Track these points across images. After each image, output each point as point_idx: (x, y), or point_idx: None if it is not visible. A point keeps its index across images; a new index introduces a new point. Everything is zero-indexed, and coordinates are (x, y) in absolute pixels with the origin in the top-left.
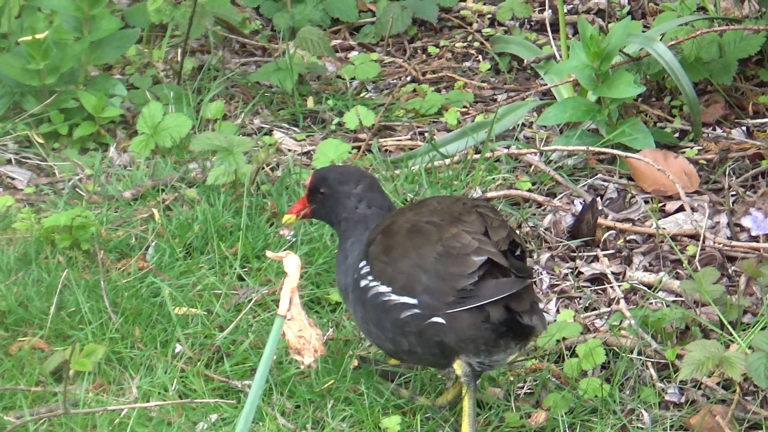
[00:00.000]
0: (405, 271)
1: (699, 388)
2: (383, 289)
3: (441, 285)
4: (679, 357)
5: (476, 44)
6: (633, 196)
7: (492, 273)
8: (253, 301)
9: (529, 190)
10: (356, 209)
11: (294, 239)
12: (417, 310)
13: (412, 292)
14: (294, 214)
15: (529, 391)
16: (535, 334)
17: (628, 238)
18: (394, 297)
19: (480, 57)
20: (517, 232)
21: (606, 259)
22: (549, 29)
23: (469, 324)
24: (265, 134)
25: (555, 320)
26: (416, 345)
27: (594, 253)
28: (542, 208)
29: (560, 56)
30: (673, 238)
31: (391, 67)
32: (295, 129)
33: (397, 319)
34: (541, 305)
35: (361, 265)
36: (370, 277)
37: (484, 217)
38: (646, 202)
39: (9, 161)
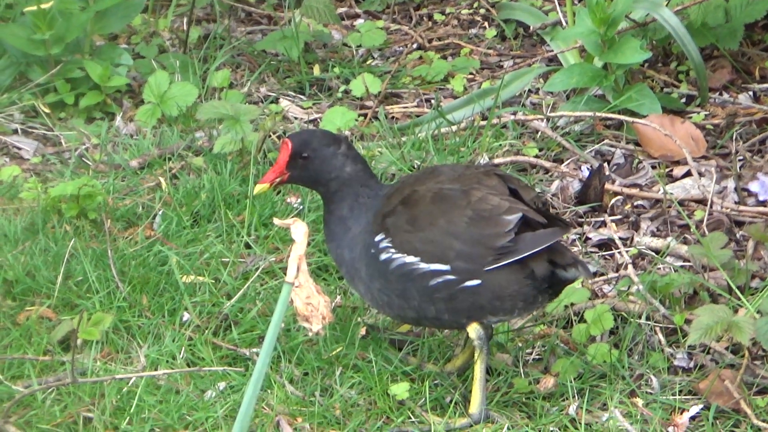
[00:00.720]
0: (434, 239)
1: (708, 353)
2: (410, 259)
3: (476, 249)
4: (688, 322)
5: (482, 11)
6: (640, 162)
7: (526, 228)
8: (260, 269)
9: (536, 156)
10: (344, 168)
11: (301, 206)
12: (449, 277)
13: (443, 260)
14: (268, 182)
15: (537, 357)
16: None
17: (635, 203)
18: (423, 266)
19: (486, 24)
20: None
21: (613, 224)
22: None
23: (509, 282)
24: (272, 102)
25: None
26: (444, 311)
27: (601, 219)
28: (549, 174)
29: (566, 22)
30: (681, 203)
31: (397, 35)
32: (302, 97)
33: (426, 287)
34: None
35: (378, 239)
36: (392, 250)
37: (505, 179)
38: (654, 168)
39: (15, 131)
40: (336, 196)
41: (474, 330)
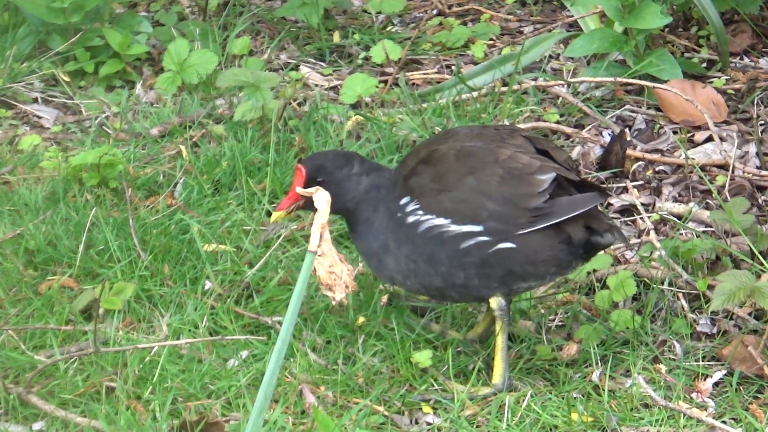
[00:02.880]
0: (464, 198)
1: (730, 319)
2: (440, 221)
3: (510, 209)
4: (710, 287)
5: None
6: (661, 127)
7: (560, 192)
8: (282, 237)
9: (557, 122)
10: (359, 186)
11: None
12: (482, 238)
13: (475, 220)
14: (284, 210)
15: (560, 323)
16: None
17: (657, 168)
18: (453, 228)
19: None
20: None
21: (635, 190)
22: None
23: (543, 246)
24: (292, 69)
25: None
26: (474, 277)
27: (623, 185)
28: (570, 139)
29: None
30: (702, 168)
31: (417, 1)
32: (322, 64)
33: (457, 250)
34: None
35: (404, 201)
36: (420, 212)
37: (531, 139)
38: (675, 133)
39: (35, 100)
40: (356, 212)
41: (495, 301)
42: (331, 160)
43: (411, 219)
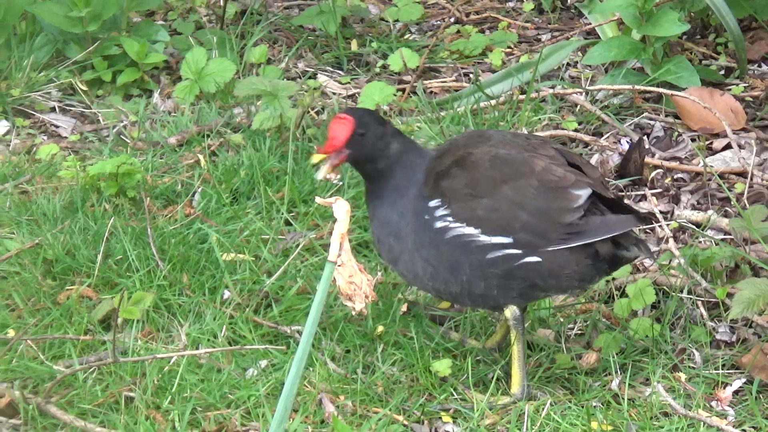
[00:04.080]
0: (498, 207)
1: (750, 327)
2: (470, 230)
3: (543, 222)
4: (730, 295)
5: None
6: (680, 135)
7: (592, 209)
8: (300, 245)
9: (576, 130)
10: (391, 145)
11: (341, 183)
12: (510, 250)
13: (507, 231)
14: (327, 153)
15: (579, 332)
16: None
17: (675, 176)
18: (483, 238)
19: None
20: None
21: (654, 197)
22: None
23: (568, 261)
24: (310, 78)
25: None
26: (494, 287)
27: (642, 192)
28: (589, 147)
29: None
30: (721, 175)
31: (435, 9)
32: (340, 72)
33: (482, 260)
34: None
35: (433, 204)
36: (450, 219)
37: (562, 152)
38: (693, 140)
39: (53, 109)
40: (386, 175)
41: (510, 311)
42: (373, 115)
43: (439, 224)
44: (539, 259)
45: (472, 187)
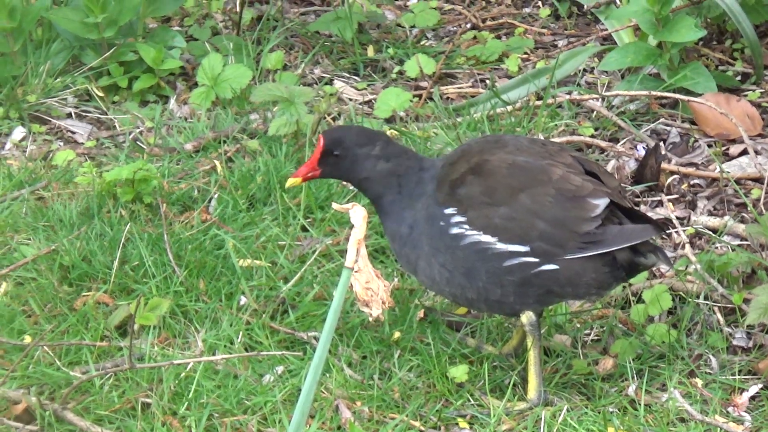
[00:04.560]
0: (515, 216)
1: (767, 333)
2: (486, 238)
3: (560, 231)
4: (746, 301)
5: None
6: (696, 140)
7: (610, 217)
8: (317, 251)
9: (592, 136)
10: (375, 167)
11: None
12: (526, 259)
13: (524, 240)
14: (300, 177)
15: (596, 338)
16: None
17: (691, 182)
18: (500, 246)
19: (540, 2)
20: None
21: (670, 203)
22: None
23: (586, 269)
24: (326, 84)
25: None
26: (510, 294)
27: (658, 198)
28: (605, 153)
29: (620, 1)
30: (737, 181)
31: (451, 15)
32: (356, 78)
33: (499, 268)
34: None
35: (448, 211)
36: (466, 226)
37: (580, 160)
38: (710, 146)
39: (69, 115)
40: (370, 192)
41: (526, 316)
42: (353, 135)
43: (455, 231)
44: (557, 267)
45: (488, 194)
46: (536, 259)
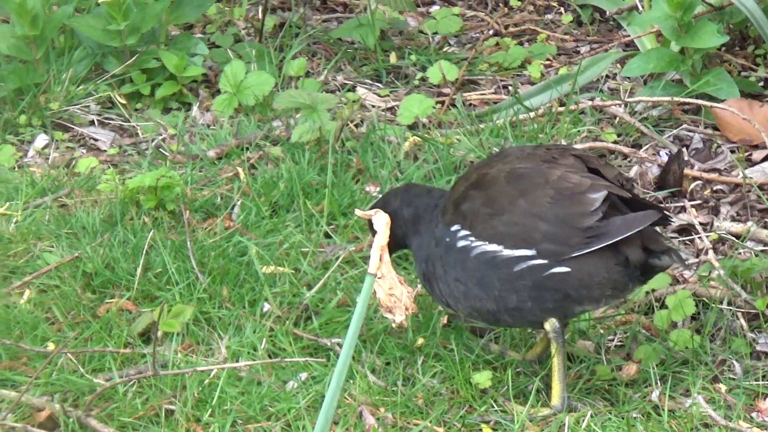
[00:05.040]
0: (517, 221)
1: None
2: (492, 247)
3: (563, 229)
4: None
5: None
6: (719, 146)
7: (614, 210)
8: (340, 258)
9: (615, 142)
10: (403, 216)
11: (380, 196)
12: (535, 261)
13: (529, 243)
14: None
15: (619, 343)
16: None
17: (714, 188)
18: (506, 252)
19: (562, 9)
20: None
21: (693, 209)
22: None
23: (598, 269)
24: (349, 91)
25: None
26: (527, 299)
27: (681, 204)
28: (628, 159)
29: (642, 7)
30: (761, 187)
31: (473, 21)
32: (379, 85)
33: (510, 274)
34: None
35: (454, 228)
36: (472, 238)
37: (582, 158)
38: (732, 152)
39: (92, 122)
40: (406, 241)
41: (550, 324)
42: (381, 203)
43: (462, 244)
44: (568, 270)
45: (489, 205)
46: (544, 261)
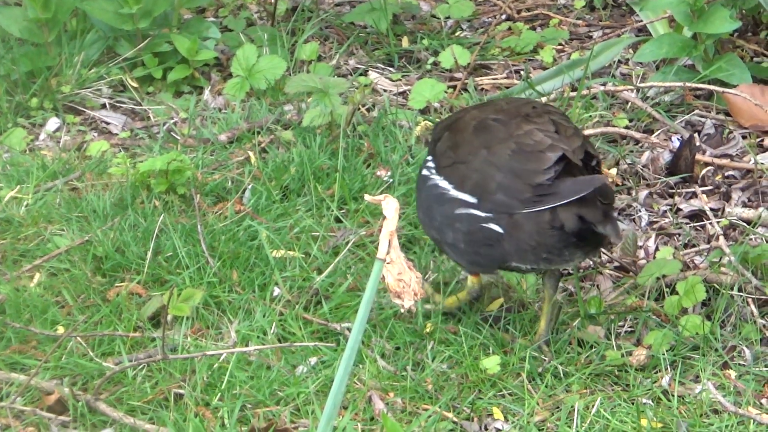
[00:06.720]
0: (477, 168)
1: None
2: (444, 184)
3: (516, 183)
4: None
5: None
6: (730, 132)
7: (567, 174)
8: (350, 243)
9: (626, 127)
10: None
11: (391, 180)
12: (473, 211)
13: (481, 191)
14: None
15: (629, 329)
16: (606, 244)
17: (726, 173)
18: (453, 193)
19: None
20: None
21: (704, 195)
22: None
23: (532, 231)
24: (360, 75)
25: (654, 257)
26: (461, 241)
27: (692, 190)
28: (639, 144)
29: None
30: None
31: (486, 6)
32: (391, 69)
33: (450, 214)
34: (620, 220)
35: (428, 158)
36: (433, 171)
37: (556, 123)
38: (744, 138)
39: (104, 106)
40: None
41: (470, 281)
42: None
43: (424, 172)
44: (500, 230)
45: (453, 149)
46: (483, 214)
